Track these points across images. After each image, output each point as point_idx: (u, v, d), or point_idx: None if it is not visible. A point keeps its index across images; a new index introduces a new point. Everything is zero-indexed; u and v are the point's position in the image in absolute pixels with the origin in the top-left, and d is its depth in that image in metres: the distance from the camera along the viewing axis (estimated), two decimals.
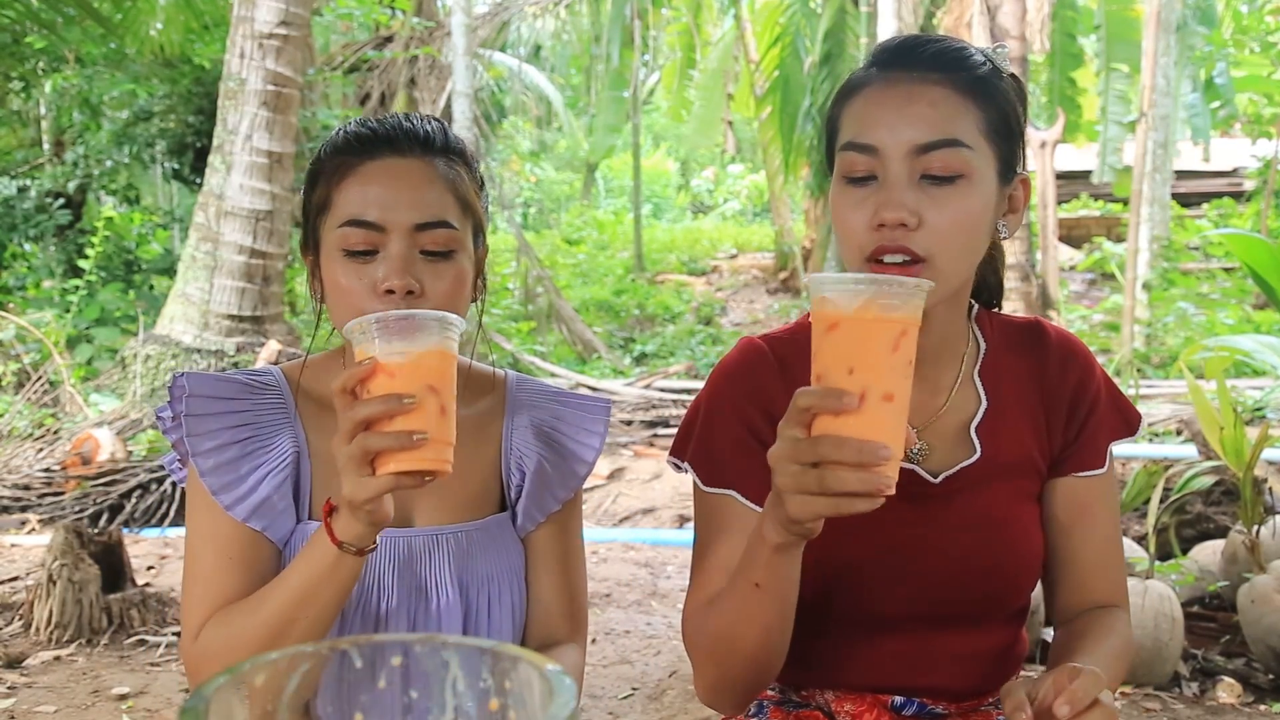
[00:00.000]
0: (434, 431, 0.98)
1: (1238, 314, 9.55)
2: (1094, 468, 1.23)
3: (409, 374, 0.97)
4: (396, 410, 0.96)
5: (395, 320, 0.97)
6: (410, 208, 1.16)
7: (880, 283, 0.88)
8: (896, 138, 1.09)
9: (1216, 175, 16.24)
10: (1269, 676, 2.78)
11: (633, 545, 4.50)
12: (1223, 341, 4.68)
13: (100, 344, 7.66)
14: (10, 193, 9.52)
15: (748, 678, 1.11)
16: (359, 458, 0.98)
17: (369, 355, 0.98)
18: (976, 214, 1.10)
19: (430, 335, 0.98)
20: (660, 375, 8.72)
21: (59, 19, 6.78)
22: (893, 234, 1.08)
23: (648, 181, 19.90)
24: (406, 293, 1.14)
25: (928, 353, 1.21)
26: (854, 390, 0.87)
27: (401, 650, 0.56)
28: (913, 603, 1.18)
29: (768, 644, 1.07)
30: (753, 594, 1.03)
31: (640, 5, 13.12)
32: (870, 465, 0.87)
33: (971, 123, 1.10)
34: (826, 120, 1.19)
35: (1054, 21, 9.74)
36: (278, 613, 1.09)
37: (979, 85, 1.11)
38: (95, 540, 3.29)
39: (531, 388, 1.36)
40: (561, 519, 1.32)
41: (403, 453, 0.97)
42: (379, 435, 0.97)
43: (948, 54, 1.12)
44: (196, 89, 9.08)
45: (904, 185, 1.08)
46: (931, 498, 1.19)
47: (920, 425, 1.20)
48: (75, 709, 2.73)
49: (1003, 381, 1.23)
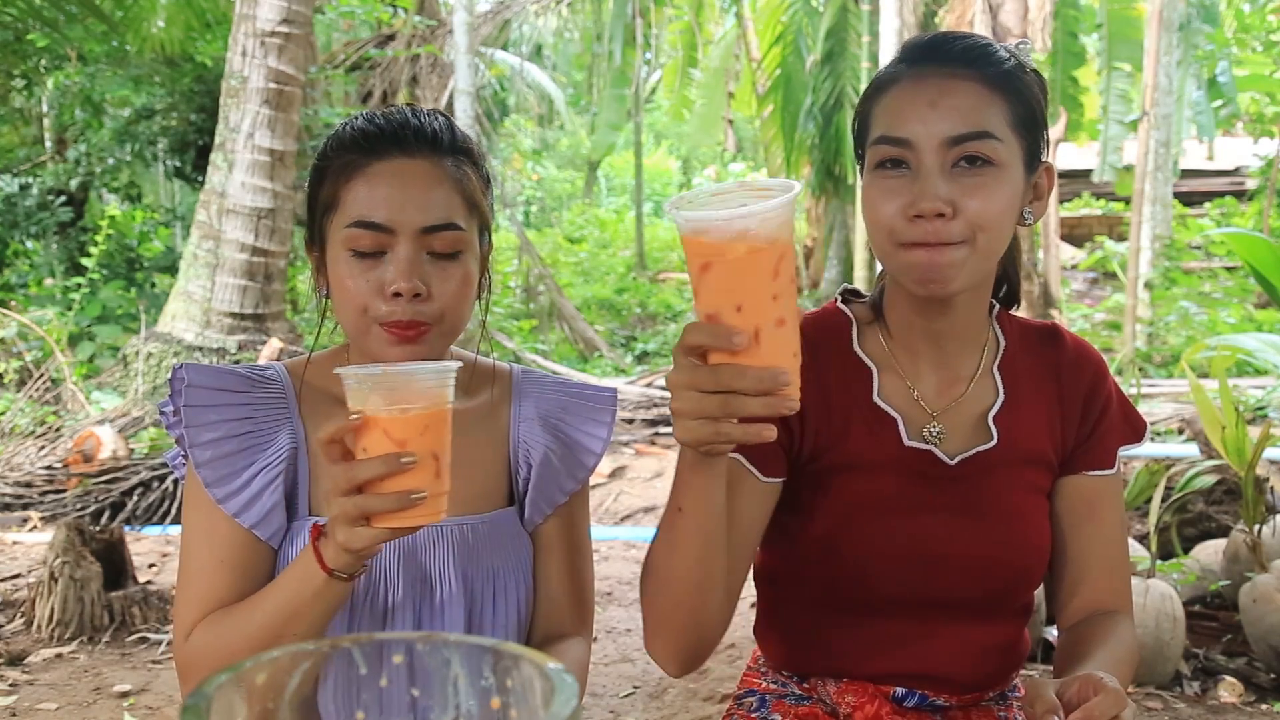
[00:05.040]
0: (431, 488, 0.97)
1: (1240, 313, 9.54)
2: (1104, 468, 1.25)
3: (407, 432, 0.96)
4: (395, 470, 0.96)
5: (394, 377, 0.96)
6: (418, 210, 1.15)
7: (746, 215, 0.83)
8: (929, 130, 1.12)
9: (1219, 174, 16.24)
10: (1270, 676, 2.78)
11: (634, 544, 4.51)
12: (1225, 340, 4.68)
13: (102, 342, 7.67)
14: (12, 190, 9.53)
15: (678, 620, 1.10)
16: (354, 516, 0.98)
17: (361, 408, 0.97)
18: (1006, 200, 1.13)
19: (428, 393, 0.97)
20: (662, 374, 8.72)
21: (61, 17, 6.78)
22: (931, 226, 1.10)
23: (649, 180, 19.90)
24: (414, 295, 1.14)
25: (949, 341, 1.23)
26: (746, 329, 0.86)
27: (403, 648, 0.56)
28: (920, 588, 1.19)
29: (695, 582, 1.06)
30: (678, 520, 1.03)
31: (642, 3, 13.11)
32: (772, 391, 0.87)
33: (999, 115, 1.13)
34: (857, 117, 1.22)
35: (1056, 20, 9.73)
36: (266, 626, 1.09)
37: (1006, 79, 1.15)
38: (97, 538, 3.29)
39: (537, 379, 1.35)
40: (568, 511, 1.32)
41: (400, 512, 0.97)
42: (377, 497, 0.96)
43: (976, 49, 1.16)
44: (198, 87, 9.08)
45: (937, 176, 1.11)
46: (947, 479, 1.21)
47: (939, 410, 1.23)
48: (77, 706, 2.74)
49: (1020, 377, 1.26)
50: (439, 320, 1.17)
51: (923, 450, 1.21)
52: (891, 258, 1.14)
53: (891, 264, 1.15)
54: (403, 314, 1.14)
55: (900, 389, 1.23)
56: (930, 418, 1.22)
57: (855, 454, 1.21)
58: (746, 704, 1.31)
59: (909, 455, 1.20)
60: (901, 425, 1.21)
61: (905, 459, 1.20)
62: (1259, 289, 8.01)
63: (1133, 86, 11.73)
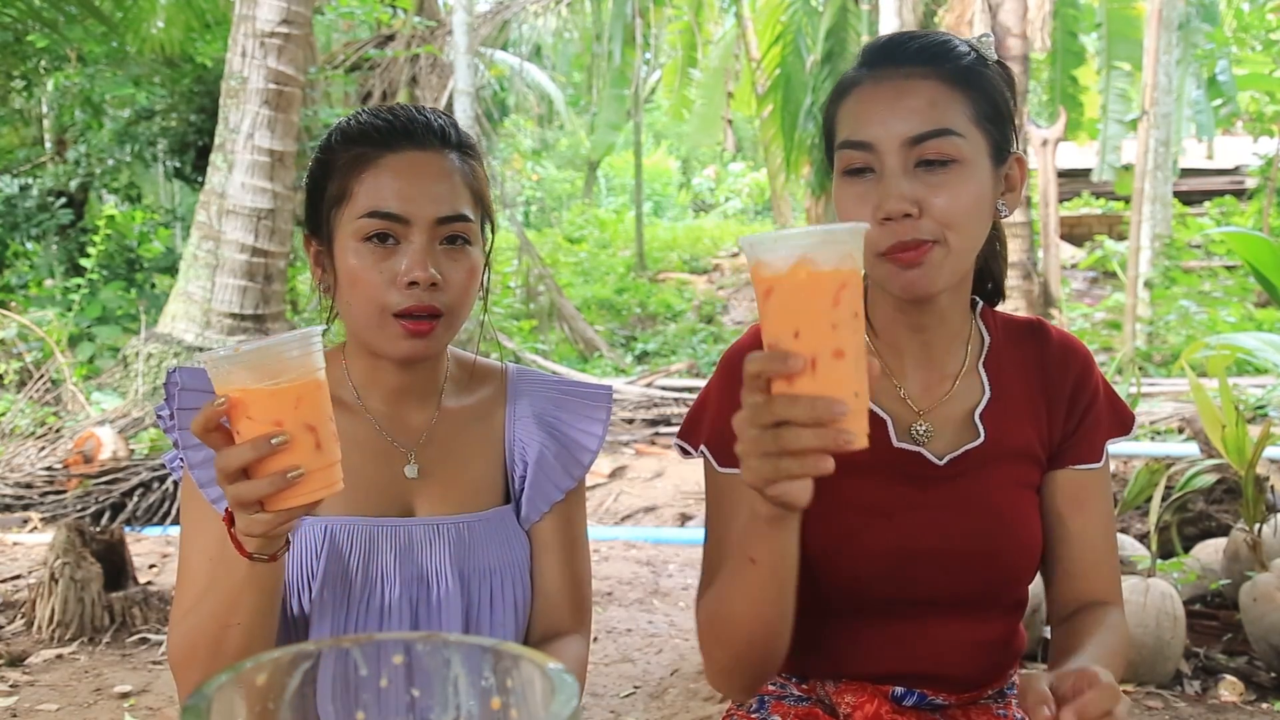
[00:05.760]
0: (311, 463, 0.94)
1: (1240, 312, 9.54)
2: (1091, 461, 1.26)
3: (279, 408, 0.93)
4: (266, 453, 0.93)
5: (253, 352, 0.92)
6: (432, 201, 1.18)
7: (807, 238, 0.85)
8: (889, 131, 1.12)
9: (1218, 173, 16.23)
10: (1271, 675, 2.78)
11: (634, 544, 4.51)
12: (1225, 339, 4.67)
13: (102, 342, 7.66)
14: (12, 191, 9.53)
15: (751, 658, 1.11)
16: (242, 503, 0.97)
17: (226, 390, 0.94)
18: (974, 195, 1.13)
19: (295, 364, 0.93)
20: (662, 374, 8.72)
21: (61, 17, 6.79)
22: (900, 227, 1.11)
23: (649, 180, 19.90)
24: (430, 284, 1.16)
25: (933, 339, 1.23)
26: (803, 353, 0.86)
27: (403, 649, 0.56)
28: (913, 587, 1.19)
29: (767, 622, 1.07)
30: (749, 570, 1.03)
31: (642, 3, 13.11)
32: (826, 421, 0.86)
33: (961, 111, 1.13)
34: (824, 122, 1.23)
35: (1055, 19, 9.74)
36: (211, 618, 1.09)
37: (966, 75, 1.15)
38: (97, 539, 3.29)
39: (532, 377, 1.37)
40: (565, 509, 1.32)
41: (283, 492, 0.95)
42: (255, 482, 0.95)
43: (932, 47, 1.16)
44: (198, 87, 9.08)
45: (900, 177, 1.12)
46: (936, 479, 1.21)
47: (925, 409, 1.23)
48: (77, 707, 2.74)
49: (1005, 373, 1.26)
50: (449, 311, 1.19)
51: (911, 451, 1.21)
52: (873, 267, 1.15)
53: (873, 273, 1.16)
54: (419, 302, 1.16)
55: (887, 388, 1.23)
56: (917, 416, 1.23)
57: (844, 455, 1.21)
58: (746, 704, 1.31)
59: (898, 456, 1.21)
60: (890, 426, 1.21)
61: (894, 460, 1.21)
62: (1259, 288, 8.01)
63: (1132, 85, 11.74)
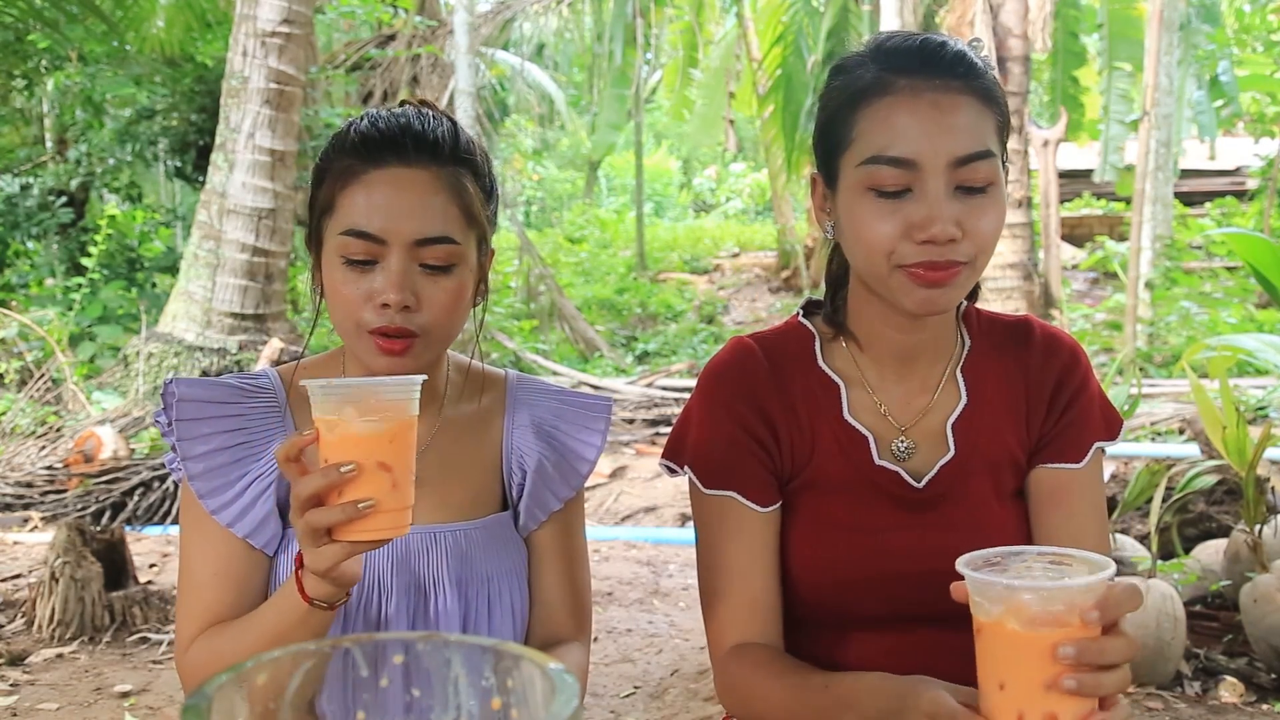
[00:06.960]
0: (385, 500, 0.95)
1: (1240, 313, 9.53)
2: (1070, 461, 1.21)
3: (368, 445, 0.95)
4: (337, 481, 0.95)
5: (359, 388, 0.95)
6: (412, 221, 1.14)
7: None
8: (935, 149, 1.07)
9: (1219, 174, 16.22)
10: (1271, 676, 2.77)
11: (635, 544, 4.51)
12: (1225, 341, 4.66)
13: (103, 342, 7.67)
14: (13, 191, 9.54)
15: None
16: (312, 533, 0.97)
17: (325, 419, 0.96)
18: (1003, 216, 1.12)
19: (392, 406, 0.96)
20: (662, 374, 8.72)
21: (62, 17, 6.78)
22: (940, 249, 1.07)
23: (650, 180, 19.90)
24: (403, 307, 1.13)
25: (920, 352, 1.21)
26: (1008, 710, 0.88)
27: (404, 649, 0.56)
28: (899, 603, 1.18)
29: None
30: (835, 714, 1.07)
31: (643, 3, 13.10)
32: None
33: (992, 129, 1.11)
34: (829, 123, 1.15)
35: (1056, 20, 9.73)
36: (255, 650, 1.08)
37: (991, 91, 1.12)
38: (97, 538, 3.30)
39: (532, 386, 1.35)
40: (564, 518, 1.32)
41: (353, 523, 0.95)
42: (325, 510, 0.96)
43: (965, 59, 1.11)
44: (199, 87, 9.08)
45: (945, 199, 1.07)
46: (917, 503, 1.19)
47: (906, 424, 1.21)
48: (77, 706, 2.74)
49: (984, 378, 1.23)
50: (426, 332, 1.16)
51: (891, 471, 1.19)
52: (887, 278, 1.10)
53: (886, 284, 1.11)
54: (390, 323, 1.13)
55: (869, 404, 1.21)
56: (898, 432, 1.21)
57: (825, 473, 1.20)
58: None
59: (878, 475, 1.19)
60: (872, 443, 1.20)
61: (875, 479, 1.19)
62: (1259, 289, 8.00)
63: (1133, 86, 11.73)
